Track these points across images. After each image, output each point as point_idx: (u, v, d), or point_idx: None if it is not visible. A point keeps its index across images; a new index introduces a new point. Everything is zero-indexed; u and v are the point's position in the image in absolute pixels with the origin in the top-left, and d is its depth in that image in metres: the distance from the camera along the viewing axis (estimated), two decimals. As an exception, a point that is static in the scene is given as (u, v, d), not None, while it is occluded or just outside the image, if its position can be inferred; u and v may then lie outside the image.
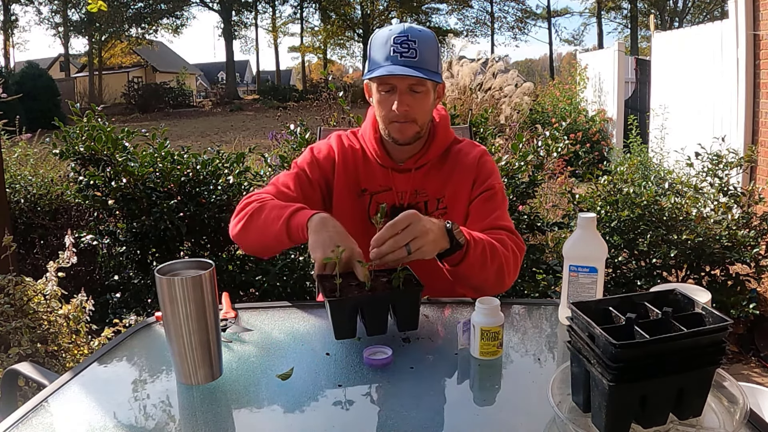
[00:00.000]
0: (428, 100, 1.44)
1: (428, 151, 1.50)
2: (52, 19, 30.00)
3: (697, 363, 0.77)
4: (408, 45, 1.37)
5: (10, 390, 1.18)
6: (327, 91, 6.02)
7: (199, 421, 0.91)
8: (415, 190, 1.50)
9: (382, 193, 1.51)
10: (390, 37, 1.38)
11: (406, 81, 1.39)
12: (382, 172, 1.51)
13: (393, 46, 1.37)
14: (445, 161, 1.53)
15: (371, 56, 1.43)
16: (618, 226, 2.79)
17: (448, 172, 1.51)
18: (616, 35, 33.93)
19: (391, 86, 1.40)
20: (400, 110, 1.39)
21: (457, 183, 1.50)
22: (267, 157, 3.05)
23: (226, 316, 1.24)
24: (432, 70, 1.41)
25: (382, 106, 1.44)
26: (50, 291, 1.93)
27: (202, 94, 35.04)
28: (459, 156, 1.53)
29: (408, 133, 1.44)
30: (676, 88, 6.44)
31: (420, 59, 1.38)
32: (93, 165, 2.66)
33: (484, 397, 0.99)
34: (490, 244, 1.31)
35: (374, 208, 1.50)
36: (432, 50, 1.41)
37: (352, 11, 33.19)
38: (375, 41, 1.43)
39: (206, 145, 4.21)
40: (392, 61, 1.37)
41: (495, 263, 1.30)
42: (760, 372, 2.72)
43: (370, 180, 1.52)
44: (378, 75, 1.38)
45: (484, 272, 1.29)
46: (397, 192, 1.50)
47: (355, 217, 1.49)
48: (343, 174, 1.52)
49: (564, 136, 3.00)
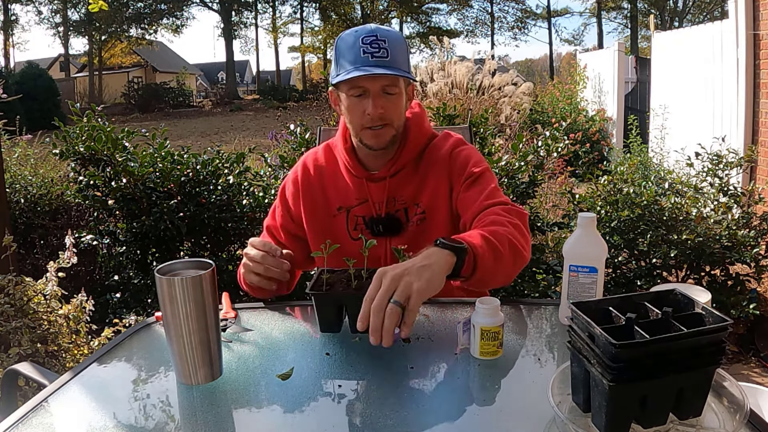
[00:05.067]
0: (401, 101, 1.38)
1: (402, 155, 1.43)
2: (52, 19, 30.05)
3: (697, 363, 0.77)
4: (378, 45, 1.31)
5: (10, 390, 1.18)
6: (327, 91, 6.02)
7: (199, 421, 0.91)
8: (392, 198, 1.43)
9: (358, 206, 1.45)
10: (358, 38, 1.32)
11: (378, 83, 1.32)
12: (356, 184, 1.45)
13: (362, 47, 1.31)
14: (419, 163, 1.45)
15: (338, 60, 1.35)
16: (618, 226, 2.79)
17: (422, 174, 1.44)
18: (616, 35, 34.01)
19: (363, 90, 1.33)
20: (375, 113, 1.32)
21: (432, 186, 1.42)
22: (267, 157, 3.06)
23: (226, 316, 1.24)
24: (404, 69, 1.34)
25: (353, 112, 1.36)
26: (50, 291, 1.93)
27: (202, 94, 35.04)
28: (432, 154, 1.45)
29: (384, 138, 1.37)
30: (676, 88, 6.44)
31: (392, 59, 1.31)
32: (93, 165, 2.66)
33: (484, 397, 0.99)
34: (490, 232, 1.16)
35: (353, 223, 1.45)
36: (402, 50, 1.36)
37: (352, 11, 33.20)
38: (341, 44, 1.36)
39: (206, 145, 4.22)
40: (363, 63, 1.30)
41: (505, 246, 1.16)
42: (760, 372, 2.72)
43: (344, 195, 1.46)
44: (353, 76, 1.29)
45: (502, 262, 1.15)
46: (374, 203, 1.43)
47: (334, 236, 1.43)
48: (309, 201, 1.48)
49: (564, 136, 3.00)
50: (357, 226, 1.46)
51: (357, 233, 1.45)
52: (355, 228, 1.46)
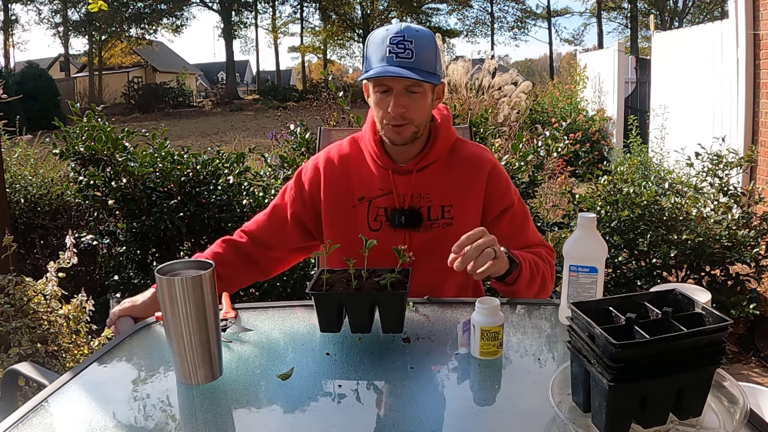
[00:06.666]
0: (425, 100, 1.41)
1: (430, 152, 1.46)
2: (52, 19, 30.02)
3: (697, 363, 0.77)
4: (404, 45, 1.34)
5: (10, 390, 1.18)
6: (327, 91, 6.01)
7: (199, 421, 0.91)
8: (418, 194, 1.46)
9: (382, 197, 1.47)
10: (386, 37, 1.35)
11: (401, 82, 1.35)
12: (381, 175, 1.47)
13: (389, 46, 1.34)
14: (451, 166, 1.48)
15: (367, 56, 1.40)
16: (618, 226, 2.79)
17: (454, 180, 1.47)
18: (616, 35, 33.99)
19: (387, 87, 1.37)
20: (396, 112, 1.36)
21: (465, 194, 1.46)
22: (267, 157, 3.06)
23: (226, 316, 1.24)
24: (429, 71, 1.37)
25: (378, 107, 1.41)
26: (50, 291, 1.93)
27: (202, 94, 35.04)
28: (469, 164, 1.48)
29: (404, 135, 1.41)
30: (676, 88, 6.44)
31: (416, 60, 1.34)
32: (93, 165, 2.66)
33: (484, 397, 0.99)
34: (533, 261, 1.38)
35: (373, 213, 1.47)
36: (429, 50, 1.38)
37: (352, 11, 33.21)
38: (372, 41, 1.40)
39: (206, 145, 4.22)
40: (388, 62, 1.34)
41: (539, 277, 1.38)
42: (760, 372, 2.72)
43: (367, 186, 1.48)
44: (372, 75, 1.35)
45: (532, 287, 1.36)
46: (398, 195, 1.46)
47: (352, 229, 1.46)
48: (330, 191, 1.50)
49: (564, 136, 3.00)
50: (377, 217, 1.47)
51: (377, 224, 1.46)
52: (375, 219, 1.47)
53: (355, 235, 1.40)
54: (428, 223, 1.45)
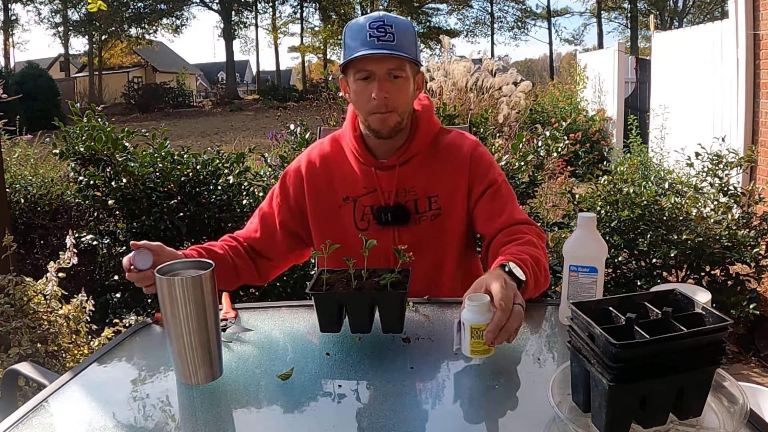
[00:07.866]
0: (408, 87, 1.38)
1: (412, 144, 1.43)
2: (52, 19, 30.02)
3: (697, 363, 0.77)
4: (385, 29, 1.32)
5: (10, 390, 1.18)
6: (327, 91, 6.02)
7: (199, 421, 0.91)
8: (403, 189, 1.43)
9: (366, 195, 1.44)
10: (366, 23, 1.34)
11: (384, 66, 1.33)
12: (364, 173, 1.44)
13: (369, 30, 1.32)
14: (434, 155, 1.45)
15: (346, 44, 1.37)
16: (618, 226, 2.79)
17: (438, 168, 1.44)
18: (616, 35, 34.02)
19: (369, 73, 1.34)
20: (379, 97, 1.33)
21: (450, 181, 1.43)
22: (267, 157, 3.05)
23: (226, 316, 1.24)
24: (410, 56, 1.35)
25: (359, 96, 1.37)
26: (50, 291, 1.93)
27: (202, 94, 35.03)
28: (450, 150, 1.45)
29: (389, 123, 1.37)
30: (676, 88, 6.44)
31: (398, 44, 1.32)
32: (93, 165, 2.66)
33: (484, 397, 0.98)
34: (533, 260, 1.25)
35: (360, 213, 1.45)
36: (409, 36, 1.37)
37: (352, 11, 33.20)
38: (350, 28, 1.38)
39: (206, 145, 4.21)
40: (370, 46, 1.32)
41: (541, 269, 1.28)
42: (760, 372, 2.72)
43: (350, 185, 1.46)
44: (356, 56, 1.32)
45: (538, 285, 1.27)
46: (382, 192, 1.43)
47: (339, 230, 1.44)
48: (314, 194, 1.48)
49: (564, 136, 3.00)
50: (364, 216, 1.45)
51: (364, 223, 1.45)
52: (362, 218, 1.45)
53: (343, 236, 1.40)
54: (416, 216, 1.43)
